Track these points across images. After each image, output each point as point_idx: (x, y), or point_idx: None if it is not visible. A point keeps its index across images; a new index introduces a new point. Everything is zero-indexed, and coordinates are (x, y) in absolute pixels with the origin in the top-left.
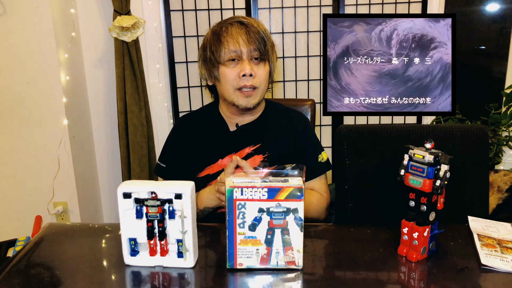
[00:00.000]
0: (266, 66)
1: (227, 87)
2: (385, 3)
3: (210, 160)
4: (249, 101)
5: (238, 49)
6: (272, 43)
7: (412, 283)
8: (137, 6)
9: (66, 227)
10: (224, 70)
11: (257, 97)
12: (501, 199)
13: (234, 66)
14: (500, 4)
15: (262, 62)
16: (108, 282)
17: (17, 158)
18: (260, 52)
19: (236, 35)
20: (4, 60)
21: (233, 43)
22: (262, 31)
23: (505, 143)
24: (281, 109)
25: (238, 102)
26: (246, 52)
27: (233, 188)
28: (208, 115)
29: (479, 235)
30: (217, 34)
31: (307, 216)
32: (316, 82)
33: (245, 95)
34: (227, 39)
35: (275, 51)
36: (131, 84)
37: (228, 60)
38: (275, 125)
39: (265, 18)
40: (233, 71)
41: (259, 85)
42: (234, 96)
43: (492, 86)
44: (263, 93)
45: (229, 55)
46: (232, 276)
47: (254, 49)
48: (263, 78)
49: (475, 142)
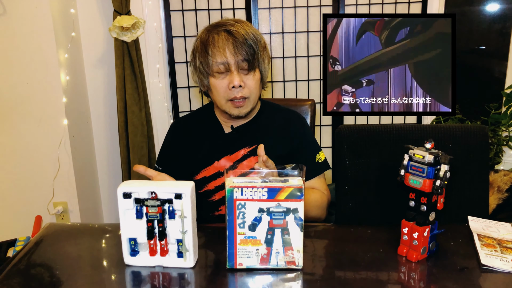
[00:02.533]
0: (257, 74)
1: (219, 98)
2: (385, 3)
3: (206, 162)
4: (241, 111)
5: (225, 61)
6: (263, 46)
7: (412, 283)
8: (137, 6)
9: (66, 227)
10: (214, 81)
11: (248, 106)
12: (501, 199)
13: (223, 78)
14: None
15: (252, 71)
16: (108, 282)
17: (17, 158)
18: (249, 62)
19: (222, 46)
20: (4, 60)
21: (220, 55)
22: (251, 38)
23: (505, 143)
24: (276, 109)
25: (231, 112)
26: (234, 63)
27: (233, 188)
28: (203, 118)
29: (479, 235)
30: (205, 44)
31: (310, 215)
32: (316, 82)
33: (236, 106)
34: (214, 51)
35: (267, 52)
36: (131, 84)
37: (217, 71)
38: (271, 126)
39: (265, 18)
40: (223, 83)
41: (250, 94)
42: (226, 107)
43: (492, 86)
44: (255, 100)
45: (217, 67)
46: (232, 276)
47: (242, 60)
48: (253, 87)
49: (475, 142)
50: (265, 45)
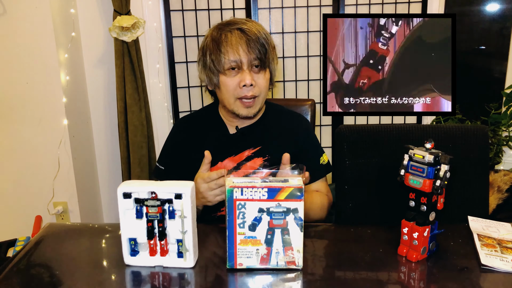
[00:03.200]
0: (267, 73)
1: (227, 96)
2: (385, 3)
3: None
4: (250, 111)
5: (238, 59)
6: (273, 46)
7: (412, 283)
8: (137, 6)
9: (66, 227)
10: (224, 79)
11: (257, 106)
12: (501, 199)
13: (234, 75)
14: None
15: (263, 70)
16: (108, 282)
17: (17, 158)
18: (261, 61)
19: (236, 45)
20: (4, 60)
21: (233, 53)
22: (263, 37)
23: (505, 143)
24: (281, 111)
25: (239, 112)
26: (247, 61)
27: (233, 188)
28: (207, 117)
29: (479, 235)
30: (217, 42)
31: (312, 217)
32: (316, 82)
33: (245, 106)
34: (227, 49)
35: (276, 53)
36: (131, 84)
37: (228, 69)
38: (276, 128)
39: (265, 18)
40: (233, 81)
41: (260, 93)
42: (235, 106)
43: (492, 86)
44: (263, 100)
45: (229, 65)
46: (232, 276)
47: (254, 58)
48: (263, 86)
49: (475, 142)
50: (274, 45)
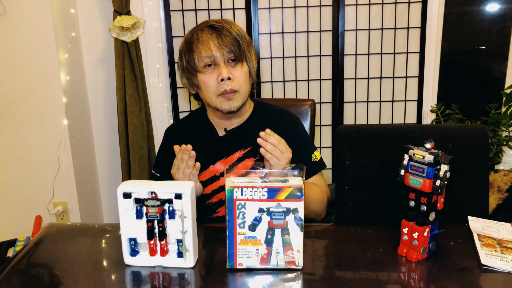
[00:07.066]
0: (244, 67)
1: (209, 94)
2: (385, 3)
3: (202, 167)
4: (232, 104)
5: (210, 55)
6: (248, 42)
7: (412, 283)
8: (137, 6)
9: (66, 227)
10: (202, 77)
11: (239, 100)
12: (501, 199)
13: (211, 72)
14: (500, 4)
15: (240, 63)
16: (108, 282)
17: (17, 158)
18: (235, 54)
19: (206, 40)
20: (4, 60)
21: (204, 50)
22: (235, 32)
23: (505, 143)
24: (270, 110)
25: (222, 107)
26: (220, 56)
27: (233, 188)
28: (196, 122)
29: (479, 235)
30: (189, 42)
31: (311, 208)
32: (316, 82)
33: (226, 99)
34: (198, 46)
35: (253, 50)
36: (131, 84)
37: (204, 66)
38: (264, 127)
39: (265, 18)
40: (211, 77)
41: (239, 87)
42: (217, 102)
43: (492, 86)
44: (246, 95)
45: (204, 62)
46: (232, 276)
47: (228, 52)
48: (242, 79)
49: (475, 142)
50: (251, 42)
